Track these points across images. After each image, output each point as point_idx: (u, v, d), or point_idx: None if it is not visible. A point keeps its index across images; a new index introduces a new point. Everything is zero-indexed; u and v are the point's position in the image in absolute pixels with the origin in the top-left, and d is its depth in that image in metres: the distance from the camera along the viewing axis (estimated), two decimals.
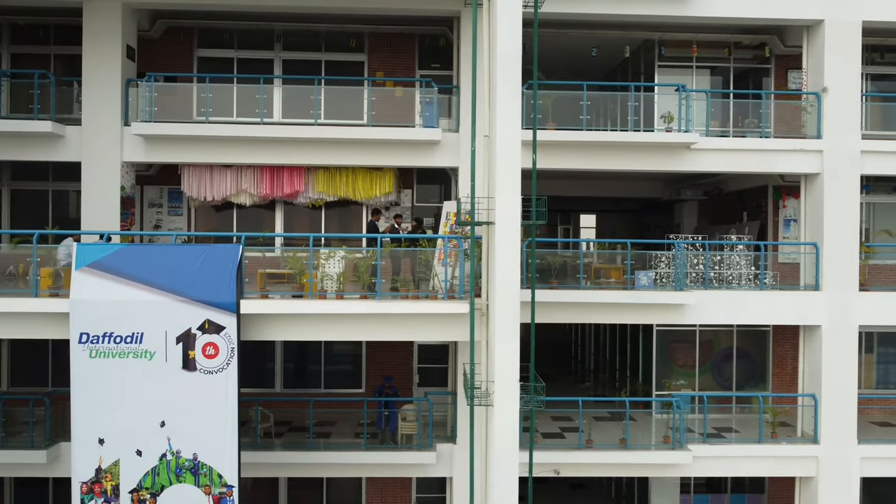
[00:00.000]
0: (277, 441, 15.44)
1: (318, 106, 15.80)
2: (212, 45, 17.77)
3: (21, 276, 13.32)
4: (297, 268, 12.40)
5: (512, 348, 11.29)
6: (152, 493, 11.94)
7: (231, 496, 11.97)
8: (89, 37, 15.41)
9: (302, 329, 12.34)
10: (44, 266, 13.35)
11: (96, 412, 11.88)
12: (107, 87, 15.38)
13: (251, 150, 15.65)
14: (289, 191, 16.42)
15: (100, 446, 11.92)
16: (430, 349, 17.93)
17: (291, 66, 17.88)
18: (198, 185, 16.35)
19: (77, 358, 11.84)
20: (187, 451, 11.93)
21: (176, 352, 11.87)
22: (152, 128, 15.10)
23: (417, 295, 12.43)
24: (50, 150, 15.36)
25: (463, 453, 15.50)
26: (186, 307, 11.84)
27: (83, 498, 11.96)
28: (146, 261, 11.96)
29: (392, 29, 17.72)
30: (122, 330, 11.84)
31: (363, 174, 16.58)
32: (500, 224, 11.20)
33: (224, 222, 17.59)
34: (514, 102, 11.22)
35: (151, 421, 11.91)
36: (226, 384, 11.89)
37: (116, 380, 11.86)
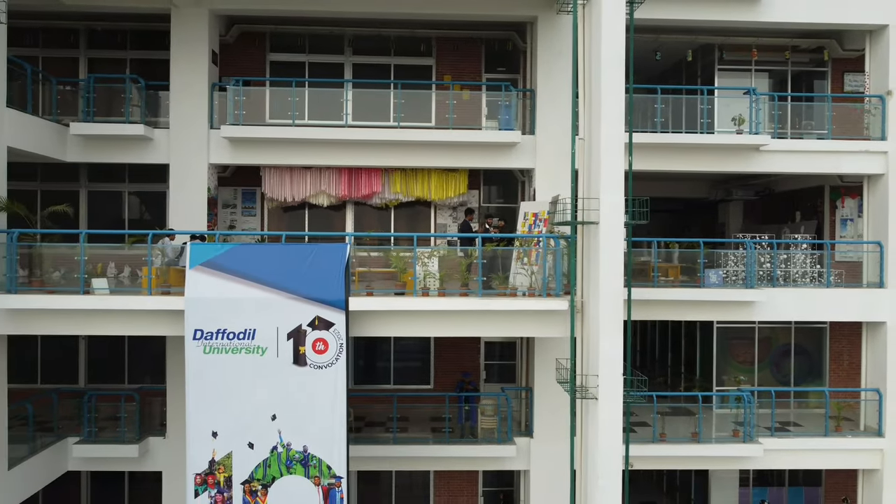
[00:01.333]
0: (355, 436, 15.86)
1: (399, 109, 16.23)
2: (283, 49, 18.17)
3: (116, 275, 13.71)
4: (400, 266, 12.81)
5: (616, 344, 11.73)
6: (263, 484, 12.35)
7: (339, 487, 12.38)
8: (177, 43, 15.82)
9: (405, 325, 12.75)
10: (144, 265, 13.84)
11: (210, 406, 12.28)
12: (194, 91, 15.81)
13: (333, 152, 16.08)
14: (366, 192, 16.85)
15: (213, 439, 12.32)
16: (496, 346, 18.38)
17: (361, 69, 18.29)
18: (279, 187, 16.78)
19: (191, 354, 12.24)
20: (297, 444, 12.35)
21: (287, 347, 12.28)
22: (240, 130, 15.52)
23: (515, 292, 12.83)
24: (139, 153, 15.79)
25: (540, 447, 16.01)
26: (297, 304, 12.25)
27: (197, 489, 12.37)
28: (257, 259, 12.37)
29: (460, 34, 18.14)
30: (234, 326, 12.25)
31: (437, 175, 17.01)
32: (605, 224, 11.64)
33: (296, 223, 18.00)
34: (618, 105, 11.65)
35: (263, 414, 12.31)
36: (335, 379, 12.30)
37: (229, 375, 12.25)
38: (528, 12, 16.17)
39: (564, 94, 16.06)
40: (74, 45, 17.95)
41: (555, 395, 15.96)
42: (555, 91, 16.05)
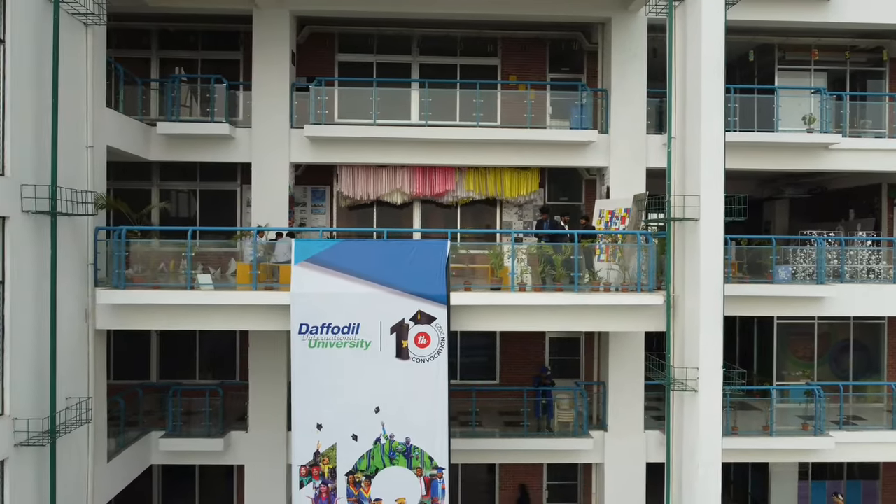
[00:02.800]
0: None
1: (477, 108, 16.50)
2: (351, 49, 18.43)
3: (211, 272, 13.96)
4: (497, 262, 13.08)
5: (716, 338, 12.02)
6: (367, 475, 12.62)
7: (441, 478, 12.65)
8: (259, 43, 16.08)
9: (503, 320, 13.02)
10: (237, 261, 14.13)
11: (315, 399, 12.55)
12: (275, 90, 16.06)
13: (409, 150, 16.35)
14: (440, 190, 17.13)
15: (318, 431, 12.59)
16: (559, 342, 18.65)
17: (427, 70, 18.55)
18: (354, 185, 17.05)
19: (297, 347, 12.51)
20: (400, 436, 12.62)
21: (390, 341, 12.55)
22: (322, 129, 15.80)
23: (599, 288, 13.10)
24: (222, 152, 16.05)
25: (614, 440, 16.31)
26: (400, 299, 12.52)
27: (302, 480, 12.63)
28: (360, 256, 12.65)
29: (525, 34, 18.42)
30: (339, 321, 12.52)
31: (510, 174, 17.29)
32: (706, 220, 11.93)
33: (364, 221, 18.26)
34: (718, 105, 11.94)
35: (366, 407, 12.58)
36: (436, 372, 12.57)
37: (334, 368, 12.52)
38: (602, 13, 16.45)
39: (638, 93, 16.43)
40: (146, 45, 18.20)
41: (627, 390, 16.34)
42: (628, 90, 16.35)
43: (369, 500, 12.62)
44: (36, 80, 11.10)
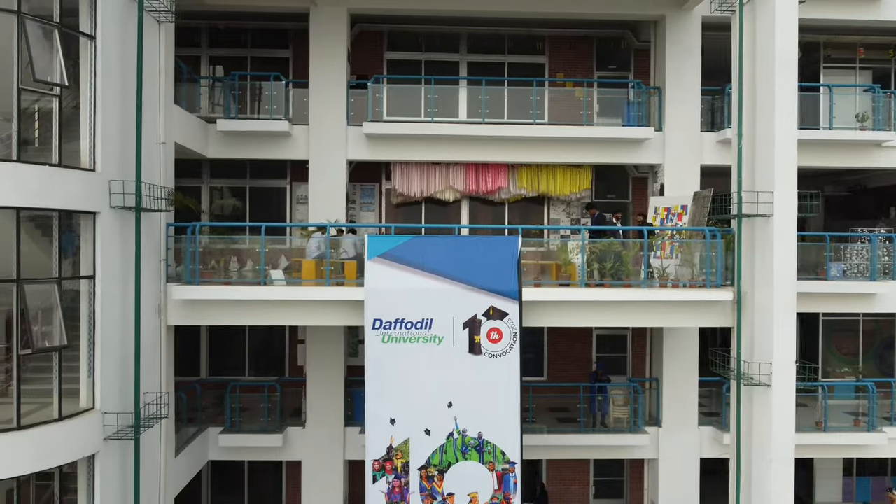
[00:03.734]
0: None
1: (538, 106, 16.61)
2: (400, 48, 18.50)
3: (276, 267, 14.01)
4: (565, 258, 13.17)
5: (789, 333, 12.10)
6: (440, 469, 12.70)
7: (513, 472, 12.73)
8: (316, 41, 16.16)
9: (573, 315, 13.08)
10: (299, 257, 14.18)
11: (388, 394, 12.63)
12: (332, 88, 16.14)
13: (465, 148, 16.45)
14: (493, 187, 17.21)
15: (391, 426, 12.67)
16: (607, 339, 18.74)
17: (475, 67, 18.61)
18: (408, 182, 17.12)
19: (371, 343, 12.59)
20: (473, 430, 12.70)
21: (462, 337, 12.63)
22: (381, 126, 15.88)
23: (677, 283, 13.20)
24: (279, 149, 16.13)
25: (668, 436, 16.39)
26: (472, 295, 12.60)
27: (375, 475, 12.72)
28: (432, 251, 12.72)
29: (573, 32, 18.50)
30: (412, 316, 12.60)
31: (562, 171, 17.37)
32: (779, 217, 12.01)
33: (411, 218, 18.30)
34: (791, 102, 12.03)
35: (439, 402, 12.66)
36: (509, 367, 12.65)
37: (407, 363, 12.60)
38: (656, 11, 16.54)
39: (692, 90, 16.52)
40: (196, 43, 18.26)
41: (681, 385, 16.43)
42: (682, 88, 16.44)
43: (442, 495, 12.70)
44: (120, 76, 11.16)
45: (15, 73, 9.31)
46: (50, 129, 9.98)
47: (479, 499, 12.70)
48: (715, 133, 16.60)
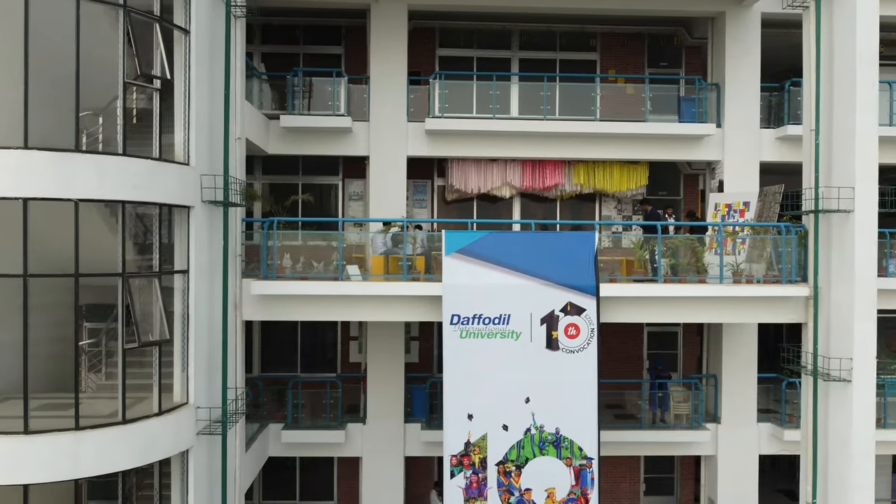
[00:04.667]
0: None
1: (594, 103, 16.59)
2: (451, 44, 18.49)
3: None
4: (641, 254, 13.17)
5: (870, 329, 12.11)
6: (517, 465, 12.70)
7: (591, 468, 12.74)
8: (376, 37, 16.15)
9: (649, 311, 13.08)
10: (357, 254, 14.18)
11: (466, 389, 12.63)
12: (393, 84, 16.12)
13: (524, 144, 16.42)
14: (550, 183, 17.20)
15: (469, 421, 12.67)
16: (657, 336, 18.74)
17: (526, 64, 18.60)
18: (465, 178, 17.10)
19: (449, 338, 12.59)
20: (550, 426, 12.70)
21: (540, 332, 12.63)
22: (444, 123, 15.87)
23: (751, 279, 13.20)
24: (340, 145, 16.13)
25: (727, 432, 16.40)
26: (549, 290, 12.60)
27: (453, 470, 12.71)
28: (509, 247, 12.72)
29: (625, 29, 18.49)
30: (490, 311, 12.59)
31: (619, 168, 17.36)
32: (860, 212, 12.02)
33: (464, 214, 18.28)
34: (872, 96, 12.03)
35: (517, 397, 12.66)
36: (586, 363, 12.65)
37: (484, 359, 12.60)
38: (715, 8, 16.54)
39: (752, 87, 16.53)
40: (250, 39, 18.19)
41: (740, 381, 16.44)
42: (742, 84, 16.45)
43: (519, 490, 12.70)
44: (208, 71, 11.15)
45: (120, 66, 9.29)
46: (145, 123, 9.96)
47: (557, 494, 12.70)
48: (774, 130, 16.59)
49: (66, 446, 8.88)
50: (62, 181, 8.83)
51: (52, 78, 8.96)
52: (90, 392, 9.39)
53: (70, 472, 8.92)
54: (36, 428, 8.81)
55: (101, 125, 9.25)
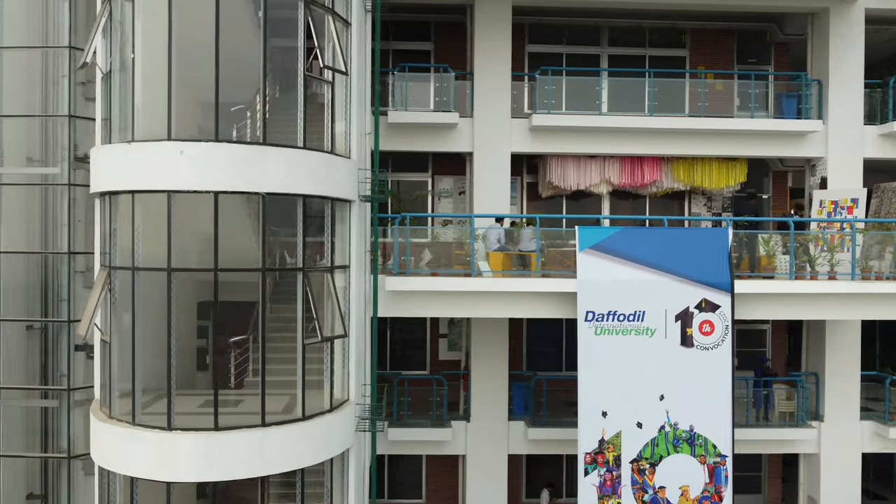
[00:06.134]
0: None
1: (701, 98, 16.51)
2: (541, 40, 18.37)
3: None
4: (770, 250, 13.09)
5: None
6: (651, 462, 12.61)
7: (724, 465, 12.65)
8: (481, 33, 16.05)
9: (784, 308, 13.01)
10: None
11: (600, 387, 12.54)
12: (497, 80, 16.01)
13: (626, 140, 16.34)
14: (648, 180, 17.09)
15: (603, 419, 12.58)
16: (741, 333, 18.62)
17: (615, 61, 18.50)
18: (564, 174, 16.98)
19: (583, 335, 12.50)
20: (684, 423, 12.62)
21: (674, 329, 12.55)
22: (549, 119, 15.77)
23: (880, 276, 13.12)
24: (445, 141, 16.02)
25: (831, 430, 16.32)
26: (684, 287, 12.52)
27: (587, 468, 12.63)
28: (643, 243, 12.64)
29: (715, 25, 18.40)
30: (624, 308, 12.51)
31: (718, 164, 17.25)
32: None
33: (551, 210, 18.16)
34: None
35: (651, 394, 12.58)
36: (720, 360, 12.57)
37: (619, 356, 12.52)
38: (818, 4, 16.46)
39: (856, 83, 16.44)
40: None
41: (843, 379, 16.34)
42: (845, 81, 16.37)
43: (653, 488, 12.61)
44: (360, 63, 11.03)
45: (300, 59, 9.18)
46: (311, 116, 9.81)
47: (691, 492, 12.62)
48: (877, 126, 16.51)
49: (254, 443, 8.76)
50: (251, 174, 8.71)
51: (239, 71, 8.84)
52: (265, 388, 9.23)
53: (258, 469, 8.80)
54: (225, 424, 8.69)
55: (278, 118, 9.12)
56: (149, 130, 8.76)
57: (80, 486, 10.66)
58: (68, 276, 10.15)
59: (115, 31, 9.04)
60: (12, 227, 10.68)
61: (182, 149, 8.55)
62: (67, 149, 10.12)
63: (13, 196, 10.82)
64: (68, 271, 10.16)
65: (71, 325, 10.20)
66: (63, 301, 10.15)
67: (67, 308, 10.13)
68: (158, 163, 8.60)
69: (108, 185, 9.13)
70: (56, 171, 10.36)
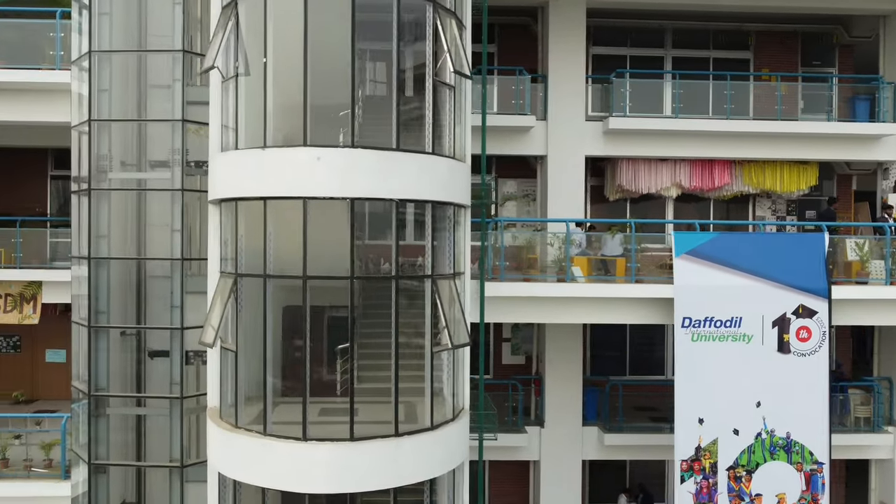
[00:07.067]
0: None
1: (778, 101, 16.40)
2: (604, 42, 18.24)
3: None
4: (864, 255, 12.97)
5: None
6: (748, 470, 12.49)
7: (821, 473, 12.54)
8: (555, 35, 15.94)
9: (877, 314, 12.90)
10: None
11: (697, 393, 12.42)
12: (571, 83, 15.91)
13: (698, 144, 16.20)
14: (718, 183, 16.97)
15: (699, 426, 12.46)
16: None
17: (679, 63, 18.37)
18: (635, 178, 16.85)
19: (680, 341, 12.38)
20: (780, 430, 12.50)
21: (771, 335, 12.43)
22: (625, 122, 15.63)
23: None
24: (519, 144, 15.88)
25: None
26: (780, 292, 12.41)
27: (683, 475, 12.50)
28: (739, 248, 12.53)
29: (781, 27, 18.29)
30: (721, 314, 12.39)
31: (789, 168, 17.14)
32: None
33: (615, 213, 18.02)
34: None
35: (747, 401, 12.46)
36: (817, 366, 12.46)
37: (715, 362, 12.40)
38: (889, 6, 16.37)
39: None
40: None
41: None
42: None
43: (749, 496, 12.50)
44: None
45: (429, 63, 9.04)
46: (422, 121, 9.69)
47: (787, 500, 12.53)
48: None
49: (388, 453, 8.63)
50: (387, 181, 8.58)
51: (371, 75, 8.71)
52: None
53: (391, 480, 8.67)
54: (360, 434, 8.56)
55: (407, 124, 8.99)
56: (282, 136, 8.62)
57: (186, 494, 10.48)
58: (181, 283, 9.99)
59: (242, 35, 8.90)
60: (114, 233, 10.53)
61: (319, 155, 8.41)
62: (180, 153, 9.97)
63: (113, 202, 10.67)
64: (181, 277, 10.00)
65: (183, 332, 10.04)
66: (176, 308, 9.99)
67: (180, 315, 9.98)
68: (294, 169, 8.46)
69: (234, 192, 8.98)
70: (166, 176, 10.20)
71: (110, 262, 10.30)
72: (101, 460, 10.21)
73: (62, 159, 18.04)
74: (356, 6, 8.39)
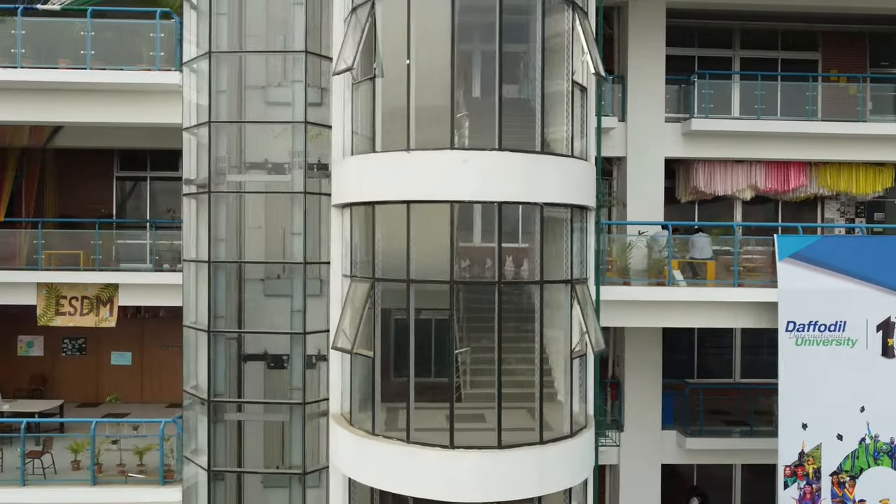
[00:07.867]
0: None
1: (861, 103, 16.30)
2: (673, 43, 18.05)
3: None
4: None
5: None
6: (851, 475, 12.37)
7: None
8: (634, 36, 15.86)
9: None
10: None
11: (800, 398, 12.29)
12: (650, 84, 15.79)
13: (775, 145, 16.08)
14: (794, 185, 16.85)
15: (802, 431, 12.33)
16: None
17: (747, 63, 18.26)
18: (711, 179, 16.72)
19: (784, 345, 12.26)
20: (885, 435, 12.38)
21: (875, 339, 12.31)
22: (709, 123, 15.51)
23: None
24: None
25: None
26: (885, 296, 12.30)
27: (786, 481, 12.37)
28: (842, 251, 12.41)
29: (848, 28, 18.17)
30: (825, 318, 12.26)
31: (864, 169, 17.01)
32: None
33: (685, 215, 17.86)
34: None
35: (851, 406, 12.34)
36: None
37: (819, 366, 12.28)
38: None
39: None
40: None
41: None
42: None
43: (853, 501, 12.39)
44: None
45: (566, 67, 8.89)
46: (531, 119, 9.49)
47: None
48: None
49: (533, 461, 8.49)
50: (532, 184, 8.44)
51: (512, 76, 8.58)
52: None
53: (534, 489, 8.54)
54: (507, 442, 8.43)
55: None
56: (423, 139, 8.47)
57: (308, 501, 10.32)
58: (303, 287, 9.83)
59: (379, 36, 8.75)
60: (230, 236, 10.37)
61: (466, 157, 8.27)
62: (302, 156, 9.81)
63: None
64: (303, 282, 9.84)
65: (305, 336, 9.89)
66: (297, 312, 9.84)
67: (302, 319, 9.82)
68: (440, 172, 8.31)
69: (370, 196, 8.83)
70: (286, 179, 10.05)
71: (228, 266, 10.15)
72: (220, 467, 10.06)
73: (127, 160, 17.97)
74: (503, 8, 8.26)
